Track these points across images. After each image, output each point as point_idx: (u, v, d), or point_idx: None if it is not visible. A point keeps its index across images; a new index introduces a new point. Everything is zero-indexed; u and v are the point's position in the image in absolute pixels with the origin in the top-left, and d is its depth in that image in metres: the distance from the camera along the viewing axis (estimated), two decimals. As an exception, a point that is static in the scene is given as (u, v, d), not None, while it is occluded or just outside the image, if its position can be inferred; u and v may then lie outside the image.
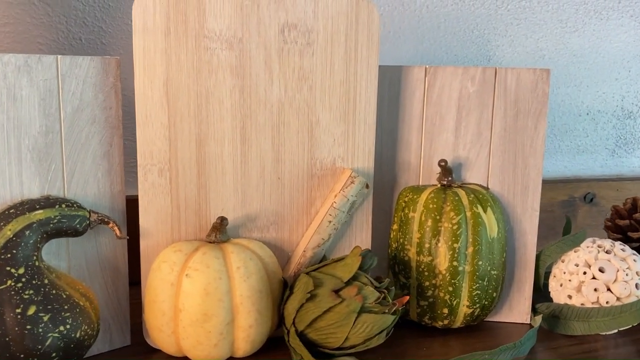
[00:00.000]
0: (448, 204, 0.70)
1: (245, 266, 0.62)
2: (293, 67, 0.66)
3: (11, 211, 0.57)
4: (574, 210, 1.06)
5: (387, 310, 0.63)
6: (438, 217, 0.69)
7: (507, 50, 1.02)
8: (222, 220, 0.64)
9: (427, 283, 0.70)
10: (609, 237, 0.84)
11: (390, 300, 0.64)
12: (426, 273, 0.70)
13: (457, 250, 0.69)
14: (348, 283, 0.63)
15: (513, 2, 1.00)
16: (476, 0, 0.98)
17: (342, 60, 0.68)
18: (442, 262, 0.69)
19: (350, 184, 0.68)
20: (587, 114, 1.09)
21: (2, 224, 0.56)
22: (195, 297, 0.60)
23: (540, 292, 0.79)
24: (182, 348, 0.63)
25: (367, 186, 0.70)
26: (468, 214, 0.70)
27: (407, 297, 0.65)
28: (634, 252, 0.73)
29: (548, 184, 1.04)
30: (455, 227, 0.69)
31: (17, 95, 0.57)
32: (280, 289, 0.66)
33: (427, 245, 0.70)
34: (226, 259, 0.62)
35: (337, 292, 0.62)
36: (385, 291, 0.64)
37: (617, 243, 0.73)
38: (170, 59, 0.62)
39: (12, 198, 0.58)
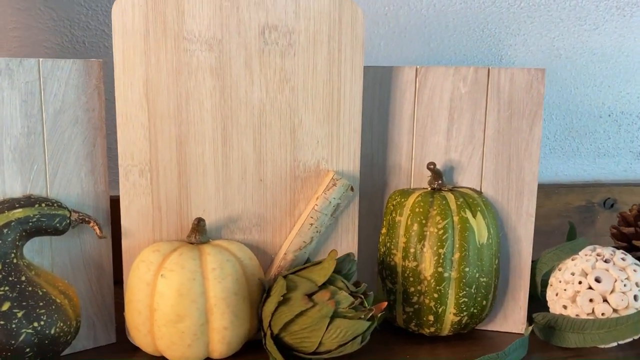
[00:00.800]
0: (435, 208, 0.68)
1: (221, 268, 0.62)
2: (274, 68, 0.66)
3: (-10, 209, 0.58)
4: (592, 216, 1.01)
5: (362, 316, 0.61)
6: (424, 222, 0.68)
7: (520, 49, 0.98)
8: (199, 221, 0.64)
9: (412, 289, 0.68)
10: (614, 245, 0.80)
11: (367, 306, 0.63)
12: (411, 279, 0.68)
13: (442, 256, 0.67)
14: (323, 287, 0.62)
15: (527, -1, 0.97)
16: (487, -2, 0.95)
17: (325, 61, 0.67)
18: (427, 267, 0.67)
19: (332, 187, 0.67)
20: (609, 115, 1.04)
21: (-21, 221, 0.58)
22: (169, 297, 0.61)
23: (540, 301, 0.76)
24: (158, 347, 0.63)
25: (351, 189, 0.69)
26: (455, 218, 0.67)
27: (385, 303, 0.63)
28: (636, 261, 0.69)
29: (564, 188, 1.00)
30: (441, 232, 0.67)
31: (-2, 97, 0.59)
32: (260, 292, 0.66)
33: (412, 250, 0.68)
34: (202, 260, 0.63)
35: (310, 296, 0.61)
36: (362, 296, 0.63)
37: (619, 252, 0.70)
38: (150, 60, 0.63)
39: (-6, 197, 0.60)
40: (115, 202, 0.67)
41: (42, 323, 0.58)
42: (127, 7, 0.62)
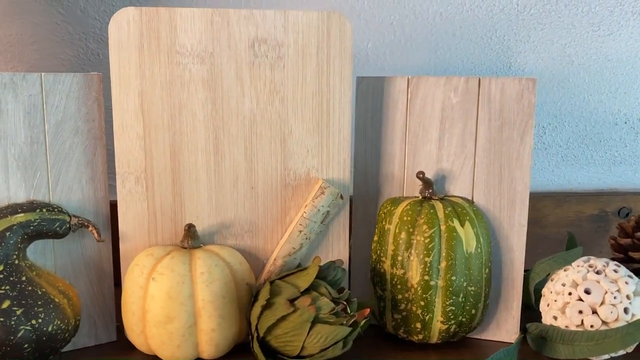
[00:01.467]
0: (422, 216, 0.69)
1: (210, 272, 0.65)
2: (264, 80, 0.68)
3: (-5, 214, 0.63)
4: (606, 225, 0.99)
5: (344, 322, 0.63)
6: (411, 230, 0.68)
7: (529, 57, 0.97)
8: (190, 227, 0.67)
9: (399, 296, 0.69)
10: (612, 256, 0.78)
11: (350, 312, 0.64)
12: (399, 286, 0.69)
13: (429, 264, 0.67)
14: (305, 292, 0.63)
15: (537, 6, 0.96)
16: (495, 5, 0.95)
17: (314, 72, 0.69)
18: (414, 275, 0.68)
19: (320, 195, 0.69)
20: (625, 122, 1.02)
21: (-16, 225, 0.62)
22: (159, 299, 0.64)
23: (535, 311, 0.75)
24: (150, 347, 0.66)
25: (341, 197, 0.70)
26: (442, 227, 0.68)
27: (368, 310, 0.64)
28: (630, 273, 0.68)
29: (576, 197, 0.98)
30: (427, 240, 0.67)
31: (2, 109, 0.63)
32: (249, 296, 0.68)
33: (400, 258, 0.69)
34: (192, 265, 0.65)
35: (292, 301, 0.63)
36: (345, 303, 0.64)
37: (612, 263, 0.69)
38: (144, 74, 0.66)
39: (-1, 202, 0.64)
40: (116, 207, 0.71)
41: (40, 321, 0.61)
42: (122, 23, 0.65)
